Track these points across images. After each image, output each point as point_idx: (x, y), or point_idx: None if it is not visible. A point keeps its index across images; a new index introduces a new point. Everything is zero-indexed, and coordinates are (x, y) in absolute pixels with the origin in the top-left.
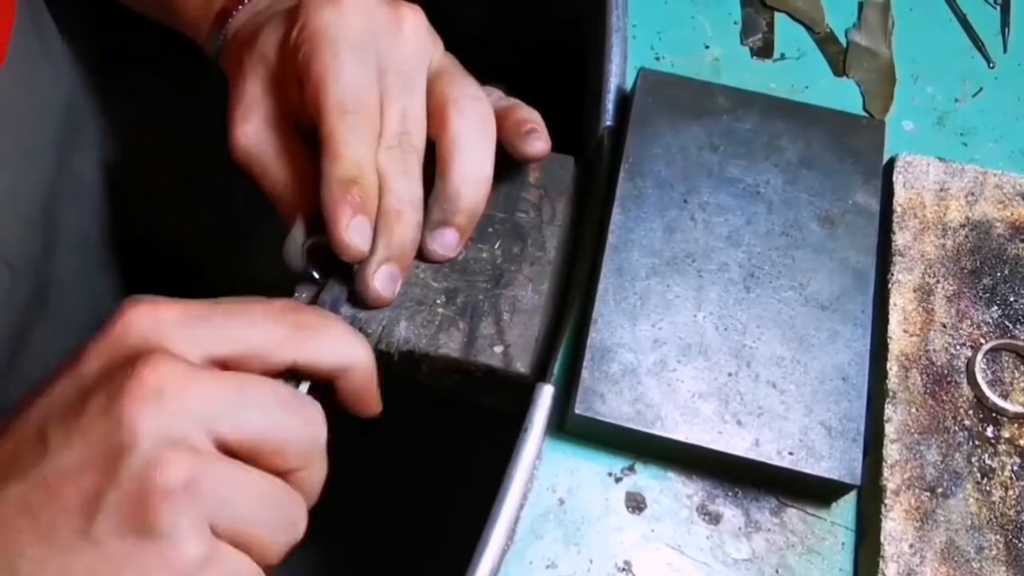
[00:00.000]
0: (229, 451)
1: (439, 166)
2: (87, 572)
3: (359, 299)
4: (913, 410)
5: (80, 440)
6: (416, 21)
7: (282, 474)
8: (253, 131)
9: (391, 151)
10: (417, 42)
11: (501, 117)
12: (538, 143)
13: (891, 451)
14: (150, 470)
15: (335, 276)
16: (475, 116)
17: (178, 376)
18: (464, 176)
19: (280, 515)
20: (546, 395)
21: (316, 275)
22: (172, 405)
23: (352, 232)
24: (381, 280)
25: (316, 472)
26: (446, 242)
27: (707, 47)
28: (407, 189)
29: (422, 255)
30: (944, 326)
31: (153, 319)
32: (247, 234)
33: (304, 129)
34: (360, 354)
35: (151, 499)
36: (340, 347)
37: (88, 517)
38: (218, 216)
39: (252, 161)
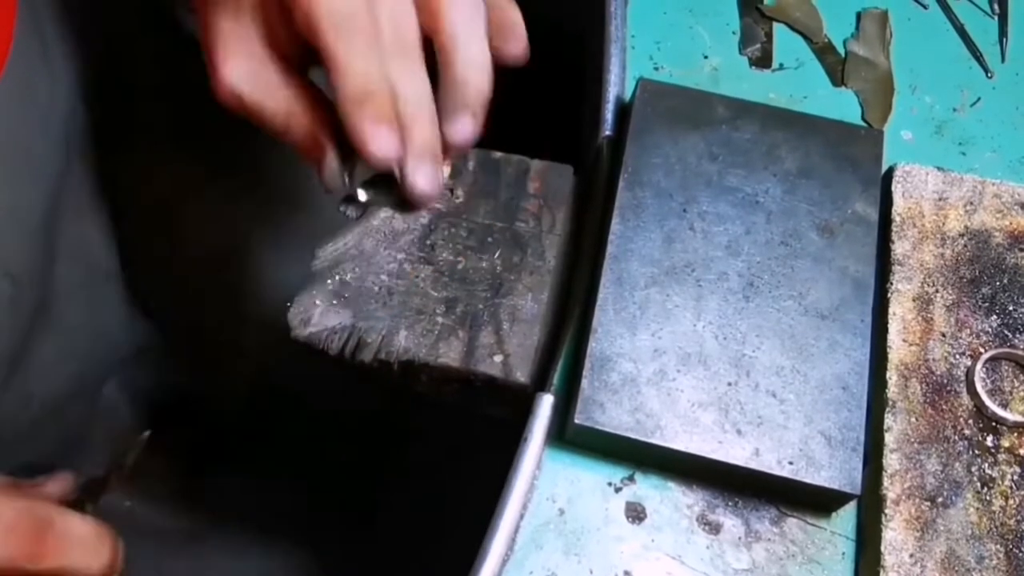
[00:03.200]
0: None
1: (441, 60)
2: None
3: (409, 205)
4: (913, 419)
5: None
6: None
7: None
8: (239, 66)
9: (391, 58)
10: None
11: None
12: (519, 44)
13: (891, 461)
14: None
15: (379, 191)
16: (467, 5)
17: None
18: (468, 63)
19: None
20: (546, 405)
21: (362, 196)
22: None
23: (380, 143)
24: (423, 179)
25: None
26: (465, 129)
27: (706, 57)
28: (415, 91)
29: (445, 150)
30: (943, 335)
31: None
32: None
33: (292, 59)
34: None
35: None
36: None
37: None
38: (221, 227)
39: (244, 98)
